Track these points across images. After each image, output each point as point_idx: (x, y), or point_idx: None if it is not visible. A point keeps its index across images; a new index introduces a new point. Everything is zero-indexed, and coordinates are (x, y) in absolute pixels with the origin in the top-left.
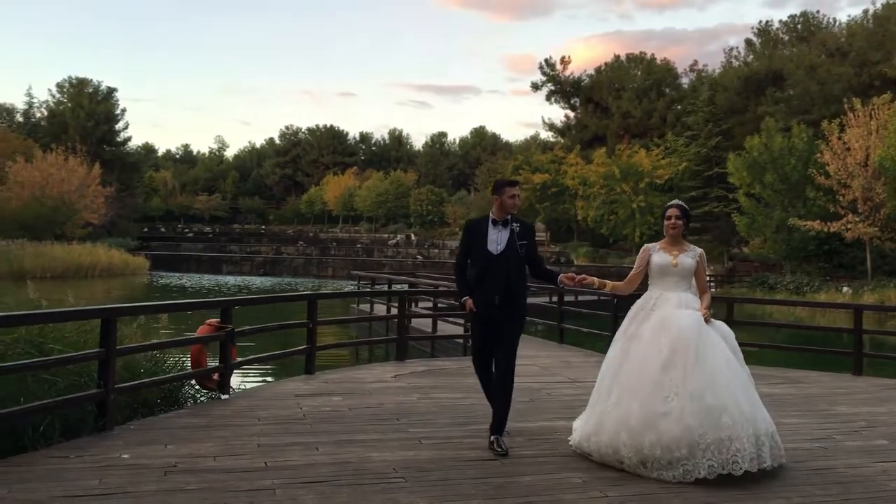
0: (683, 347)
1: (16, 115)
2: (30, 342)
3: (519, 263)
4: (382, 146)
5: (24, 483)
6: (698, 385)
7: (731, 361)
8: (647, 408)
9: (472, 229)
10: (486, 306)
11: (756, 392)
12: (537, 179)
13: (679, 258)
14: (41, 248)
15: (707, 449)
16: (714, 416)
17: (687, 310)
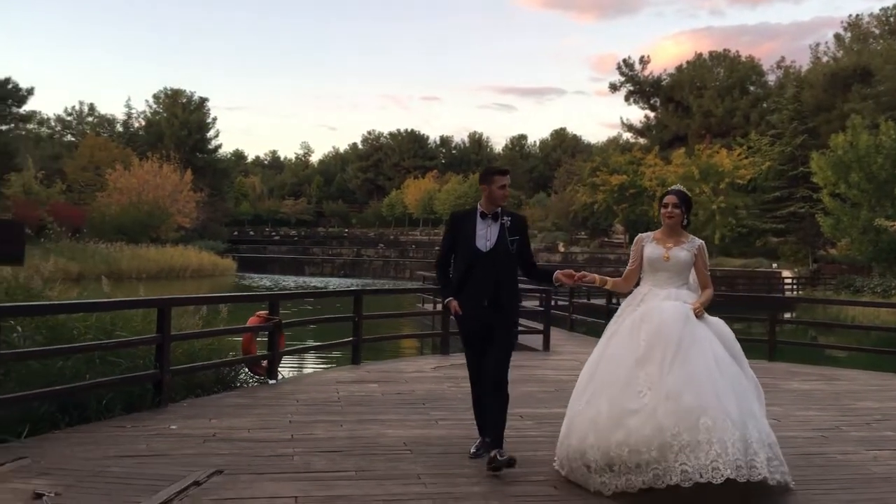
0: (663, 341)
1: (116, 126)
2: (101, 328)
3: (510, 261)
4: (462, 149)
5: (83, 445)
6: (676, 382)
7: (722, 361)
8: (616, 405)
9: (458, 222)
10: (474, 309)
11: (757, 401)
12: (615, 181)
13: (672, 251)
14: (137, 251)
15: (681, 451)
16: (692, 416)
17: (674, 301)
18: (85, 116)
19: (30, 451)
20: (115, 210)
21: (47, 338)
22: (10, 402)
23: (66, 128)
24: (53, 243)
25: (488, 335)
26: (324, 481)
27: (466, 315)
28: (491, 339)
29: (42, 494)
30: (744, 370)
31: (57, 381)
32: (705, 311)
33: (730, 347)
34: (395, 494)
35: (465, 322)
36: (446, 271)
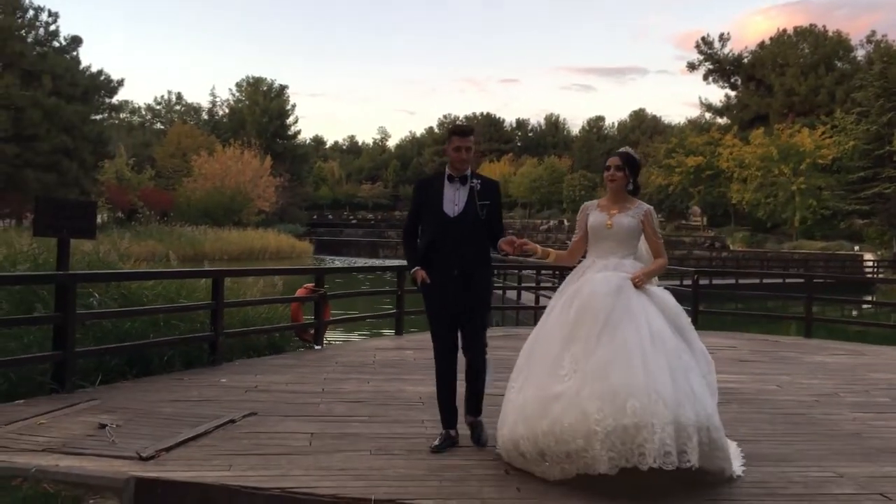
0: (591, 316)
1: (202, 114)
2: (167, 296)
3: (480, 228)
4: (539, 132)
5: (144, 392)
6: (602, 361)
7: (659, 335)
8: (541, 390)
9: (424, 187)
10: (444, 280)
11: (702, 379)
12: (691, 162)
13: (615, 218)
14: (220, 233)
15: (607, 438)
16: (618, 399)
17: (611, 272)
18: (173, 105)
19: (100, 395)
20: (199, 195)
21: (120, 303)
22: (86, 354)
23: (155, 116)
24: (143, 226)
25: (459, 308)
26: (340, 423)
27: (434, 285)
28: (464, 320)
29: (105, 425)
30: (690, 345)
31: (126, 339)
32: (657, 281)
33: (673, 320)
34: (397, 434)
35: (432, 294)
36: (413, 240)
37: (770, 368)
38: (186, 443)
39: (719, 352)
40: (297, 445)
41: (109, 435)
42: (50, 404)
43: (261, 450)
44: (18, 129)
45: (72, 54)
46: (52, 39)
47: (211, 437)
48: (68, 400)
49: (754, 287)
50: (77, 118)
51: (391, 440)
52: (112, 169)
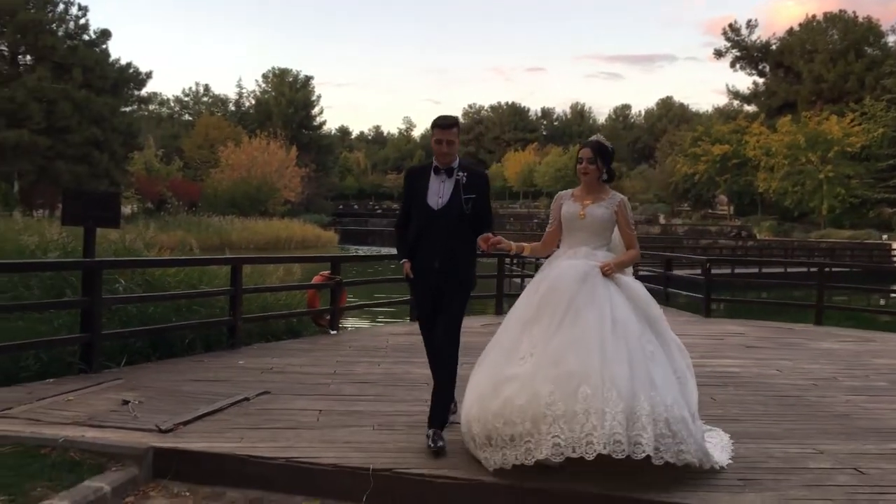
0: (555, 300)
1: (229, 105)
2: (189, 283)
3: (462, 222)
4: (564, 121)
5: (166, 372)
6: (561, 346)
7: (622, 324)
8: (497, 371)
9: (412, 178)
10: (425, 272)
11: (666, 370)
12: (717, 151)
13: (589, 209)
14: (247, 223)
15: (555, 422)
16: (571, 384)
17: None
18: (201, 97)
19: (125, 375)
20: (226, 185)
21: (144, 289)
22: (112, 337)
23: (183, 108)
24: (172, 216)
25: (439, 304)
26: (348, 401)
27: (417, 278)
28: (440, 309)
29: (128, 401)
30: (660, 336)
31: (149, 322)
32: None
33: (643, 310)
34: (401, 411)
35: (415, 286)
36: (403, 231)
37: (774, 354)
38: (202, 417)
39: (727, 338)
40: (305, 421)
41: (132, 410)
42: (77, 383)
43: (271, 424)
44: (50, 121)
45: (101, 47)
46: (82, 33)
47: (226, 412)
48: (95, 379)
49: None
50: (107, 110)
51: (394, 417)
52: (141, 160)
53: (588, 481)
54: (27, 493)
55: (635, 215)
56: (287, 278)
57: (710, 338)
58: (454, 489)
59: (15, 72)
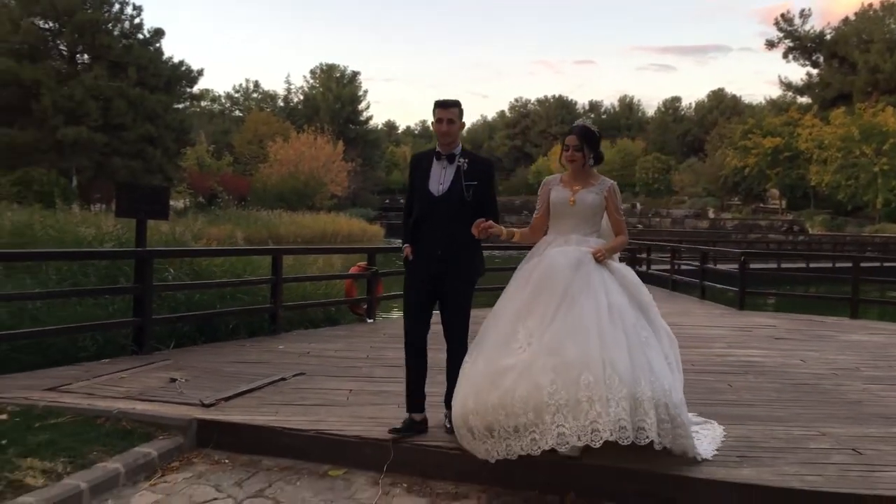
0: (549, 289)
1: (277, 101)
2: (234, 272)
3: (465, 209)
4: (612, 114)
5: (211, 354)
6: (559, 334)
7: (618, 309)
8: (493, 363)
9: (416, 165)
10: (426, 259)
11: (661, 356)
12: (768, 144)
13: (578, 195)
14: (294, 217)
15: (558, 411)
16: (572, 372)
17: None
18: (251, 93)
19: (173, 356)
20: (275, 180)
21: (192, 277)
22: (162, 321)
23: (234, 104)
24: (222, 210)
25: (437, 296)
26: (377, 382)
27: (416, 263)
28: (443, 303)
29: (175, 379)
30: (652, 322)
31: (196, 309)
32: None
33: (635, 296)
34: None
35: (412, 271)
36: (409, 218)
37: (801, 345)
38: (242, 395)
39: (756, 330)
40: (335, 399)
41: (178, 387)
42: (130, 363)
43: (304, 401)
44: (107, 118)
45: (155, 46)
46: (136, 32)
47: (263, 391)
48: (145, 359)
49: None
50: (160, 107)
51: None
52: (193, 156)
53: (598, 455)
54: (85, 456)
55: (683, 209)
56: (327, 269)
57: (740, 329)
58: (469, 459)
59: (73, 71)
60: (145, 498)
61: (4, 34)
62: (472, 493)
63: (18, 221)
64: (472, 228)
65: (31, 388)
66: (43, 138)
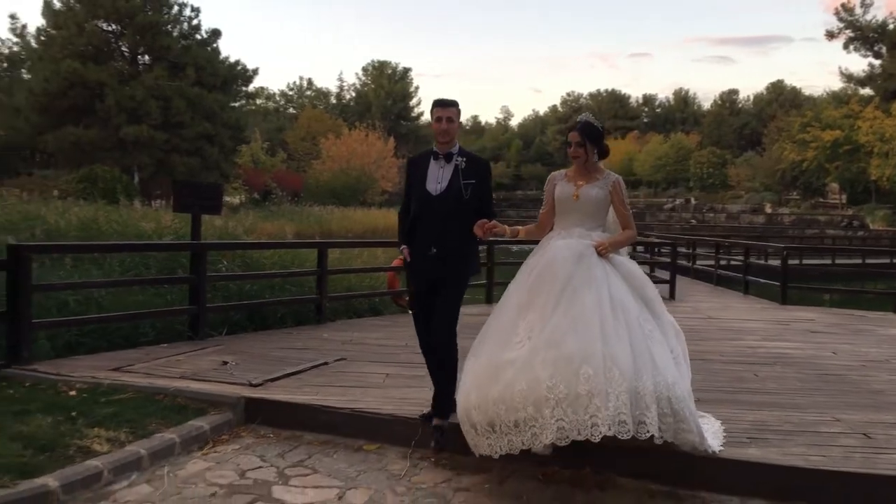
0: (550, 281)
1: (330, 98)
2: (282, 264)
3: (462, 207)
4: (667, 108)
5: (260, 341)
6: (559, 328)
7: (620, 302)
8: (495, 356)
9: (413, 165)
10: (421, 259)
11: (664, 349)
12: (827, 137)
13: (583, 189)
14: (346, 213)
15: (558, 405)
16: (572, 365)
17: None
18: (304, 91)
19: (225, 342)
20: (327, 176)
21: (243, 269)
22: (215, 310)
23: (288, 102)
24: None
25: (435, 292)
26: (413, 368)
27: (413, 263)
28: (436, 296)
29: (226, 362)
30: (657, 316)
31: (247, 298)
32: (623, 252)
33: (638, 289)
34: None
35: (411, 272)
36: (406, 218)
37: (836, 339)
38: (287, 377)
39: (793, 324)
40: (372, 381)
41: (229, 369)
42: (186, 347)
43: (343, 383)
44: (167, 117)
45: (212, 46)
46: (194, 33)
47: (306, 374)
48: (200, 345)
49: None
50: (217, 106)
51: None
52: (248, 153)
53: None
54: (145, 427)
55: (739, 205)
56: (370, 262)
57: (777, 323)
58: None
59: (135, 71)
60: (197, 465)
61: (70, 37)
62: (494, 467)
63: (84, 216)
64: (475, 228)
65: (97, 368)
66: (107, 137)
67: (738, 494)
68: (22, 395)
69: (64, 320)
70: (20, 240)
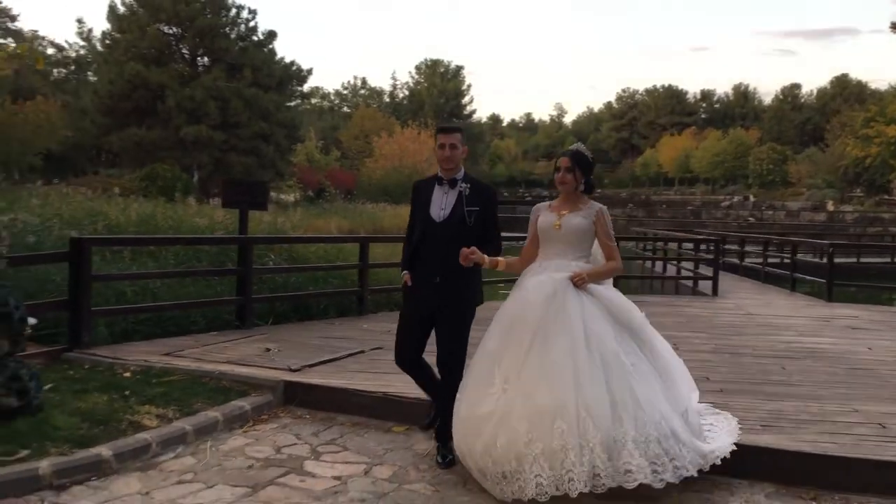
0: (521, 327)
1: (384, 97)
2: (326, 257)
3: (464, 235)
4: (726, 103)
5: (302, 330)
6: (532, 377)
7: (598, 339)
8: (474, 408)
9: (418, 190)
10: (424, 286)
11: (651, 382)
12: (892, 132)
13: (565, 219)
14: (398, 210)
15: (535, 461)
16: (545, 420)
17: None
18: (358, 90)
19: (270, 331)
20: (380, 174)
21: (289, 262)
22: (261, 300)
23: (342, 101)
24: (329, 204)
25: (434, 319)
26: None
27: (414, 289)
28: (439, 331)
29: (269, 349)
30: (642, 343)
31: (292, 290)
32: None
33: (621, 318)
34: None
35: (409, 298)
36: (410, 244)
37: (876, 335)
38: (324, 363)
39: (835, 321)
40: None
41: (271, 356)
42: (232, 335)
43: (376, 369)
44: (224, 117)
45: (268, 47)
46: (251, 35)
47: (343, 360)
48: (246, 333)
49: None
50: (273, 106)
51: None
52: (303, 151)
53: None
54: (191, 406)
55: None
56: None
57: (817, 320)
58: None
59: (194, 73)
60: (238, 441)
61: (134, 40)
62: None
63: (143, 213)
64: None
65: (150, 353)
66: (167, 137)
67: (748, 478)
68: (81, 376)
69: (121, 308)
70: (83, 234)
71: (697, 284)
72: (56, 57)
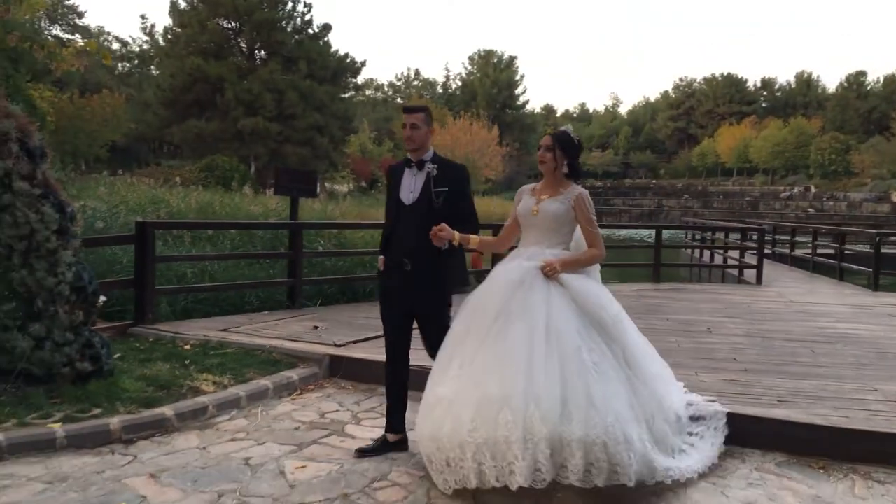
0: (481, 312)
1: (437, 88)
2: (373, 243)
3: (434, 216)
4: (787, 91)
5: (349, 311)
6: (484, 364)
7: (559, 333)
8: (430, 390)
9: (391, 173)
10: (396, 270)
11: (610, 381)
12: None
13: (542, 204)
14: None
15: (478, 450)
16: (492, 409)
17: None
18: (412, 81)
19: (318, 311)
20: None
21: (338, 248)
22: (310, 283)
23: (396, 92)
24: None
25: (411, 306)
26: None
27: (386, 276)
28: (420, 319)
29: (317, 326)
30: (613, 342)
31: (340, 273)
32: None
33: (592, 316)
34: None
35: (383, 286)
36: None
37: None
38: (367, 340)
39: (877, 308)
40: None
41: (319, 333)
42: (283, 314)
43: (415, 346)
44: (280, 109)
45: (323, 40)
46: (306, 28)
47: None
48: (296, 313)
49: None
50: (327, 98)
51: None
52: (356, 142)
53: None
54: (244, 375)
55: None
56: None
57: (859, 308)
58: None
59: (252, 66)
60: (286, 407)
61: (194, 34)
62: None
63: (202, 201)
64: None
65: (208, 329)
66: (226, 128)
67: (760, 448)
68: (146, 348)
69: (182, 287)
70: (146, 219)
71: (743, 273)
72: (120, 52)
